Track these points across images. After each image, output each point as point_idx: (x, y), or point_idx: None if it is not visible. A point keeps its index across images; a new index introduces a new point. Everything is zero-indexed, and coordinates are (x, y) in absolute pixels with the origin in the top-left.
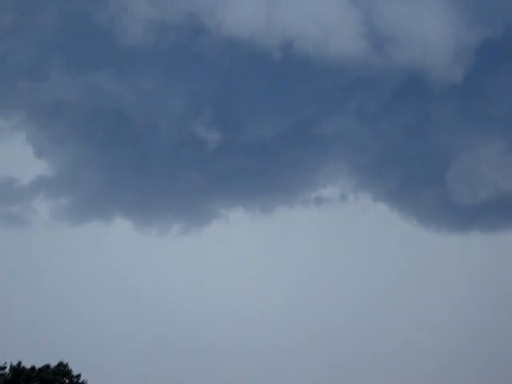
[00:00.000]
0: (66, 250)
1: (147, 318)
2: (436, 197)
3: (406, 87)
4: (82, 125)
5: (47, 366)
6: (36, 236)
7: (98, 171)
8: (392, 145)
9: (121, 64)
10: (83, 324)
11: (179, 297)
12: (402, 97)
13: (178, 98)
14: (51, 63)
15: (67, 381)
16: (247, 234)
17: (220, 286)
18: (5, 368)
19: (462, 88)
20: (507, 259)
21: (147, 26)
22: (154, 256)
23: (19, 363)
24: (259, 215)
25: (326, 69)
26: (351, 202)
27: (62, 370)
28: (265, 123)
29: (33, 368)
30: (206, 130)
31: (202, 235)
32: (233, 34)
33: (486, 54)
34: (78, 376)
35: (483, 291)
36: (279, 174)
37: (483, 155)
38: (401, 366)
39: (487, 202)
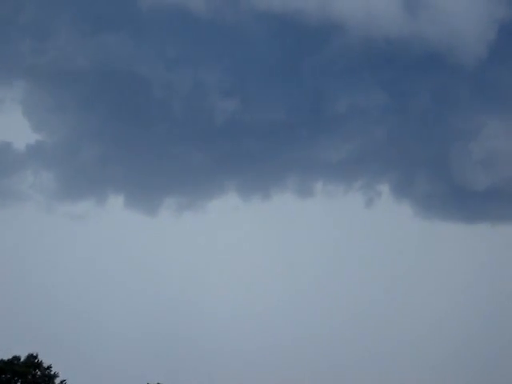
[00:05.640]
0: (50, 232)
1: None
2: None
3: (423, 64)
4: (86, 94)
5: (17, 358)
6: (26, 213)
7: (97, 145)
8: (401, 128)
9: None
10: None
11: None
12: (417, 74)
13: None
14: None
15: (39, 372)
16: (241, 220)
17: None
18: None
19: (479, 66)
20: None
21: None
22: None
23: None
24: (256, 201)
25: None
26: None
27: (33, 362)
28: (276, 102)
29: (5, 361)
30: (218, 104)
31: (197, 218)
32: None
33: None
34: (49, 367)
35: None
36: (281, 157)
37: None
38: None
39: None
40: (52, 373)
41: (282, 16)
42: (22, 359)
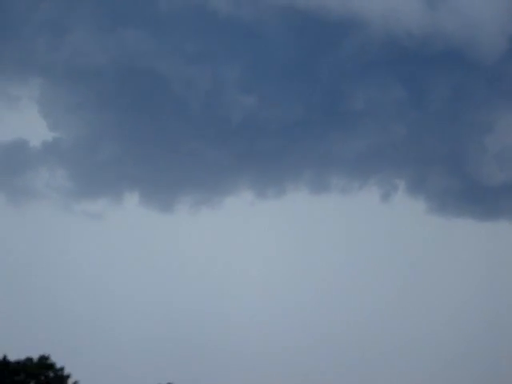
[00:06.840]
0: (67, 231)
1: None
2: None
3: (442, 58)
4: (103, 91)
5: (29, 359)
6: (43, 212)
7: (113, 143)
8: (418, 123)
9: (158, 23)
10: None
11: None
12: (436, 69)
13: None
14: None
15: (51, 374)
16: (256, 216)
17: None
18: None
19: (498, 60)
20: None
21: None
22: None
23: (4, 357)
24: (271, 197)
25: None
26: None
27: (45, 363)
28: (293, 98)
29: (18, 362)
30: (235, 101)
31: (213, 215)
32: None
33: None
34: (62, 369)
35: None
36: (297, 153)
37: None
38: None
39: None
40: (65, 374)
41: (303, 12)
42: (35, 360)
